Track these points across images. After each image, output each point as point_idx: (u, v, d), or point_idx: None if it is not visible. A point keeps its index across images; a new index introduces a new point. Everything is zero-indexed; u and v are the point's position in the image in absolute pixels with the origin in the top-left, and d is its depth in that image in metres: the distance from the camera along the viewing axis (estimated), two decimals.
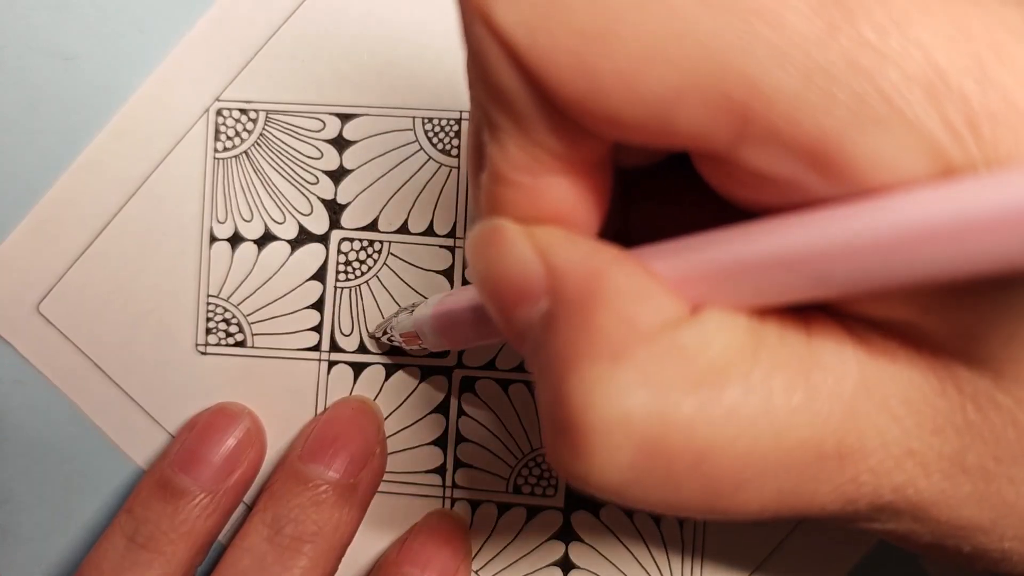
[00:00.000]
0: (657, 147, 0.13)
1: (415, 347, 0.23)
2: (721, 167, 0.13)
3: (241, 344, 0.25)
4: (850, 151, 0.11)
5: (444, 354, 0.25)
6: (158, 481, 0.23)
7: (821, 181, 0.12)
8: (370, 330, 0.25)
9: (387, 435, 0.25)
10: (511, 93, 0.13)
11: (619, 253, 0.13)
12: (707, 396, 0.12)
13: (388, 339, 0.24)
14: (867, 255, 0.11)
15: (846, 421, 0.12)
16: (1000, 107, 0.11)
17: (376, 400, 0.25)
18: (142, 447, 0.25)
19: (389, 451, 0.25)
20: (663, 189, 0.17)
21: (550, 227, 0.14)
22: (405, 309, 0.23)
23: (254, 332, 0.25)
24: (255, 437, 0.24)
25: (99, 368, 0.25)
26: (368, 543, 0.25)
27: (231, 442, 0.23)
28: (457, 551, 0.24)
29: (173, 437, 0.25)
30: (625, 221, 0.17)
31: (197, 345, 0.25)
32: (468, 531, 0.25)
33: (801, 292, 0.12)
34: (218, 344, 0.25)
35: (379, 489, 0.25)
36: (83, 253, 0.25)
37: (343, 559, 0.24)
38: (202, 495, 0.23)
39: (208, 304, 0.25)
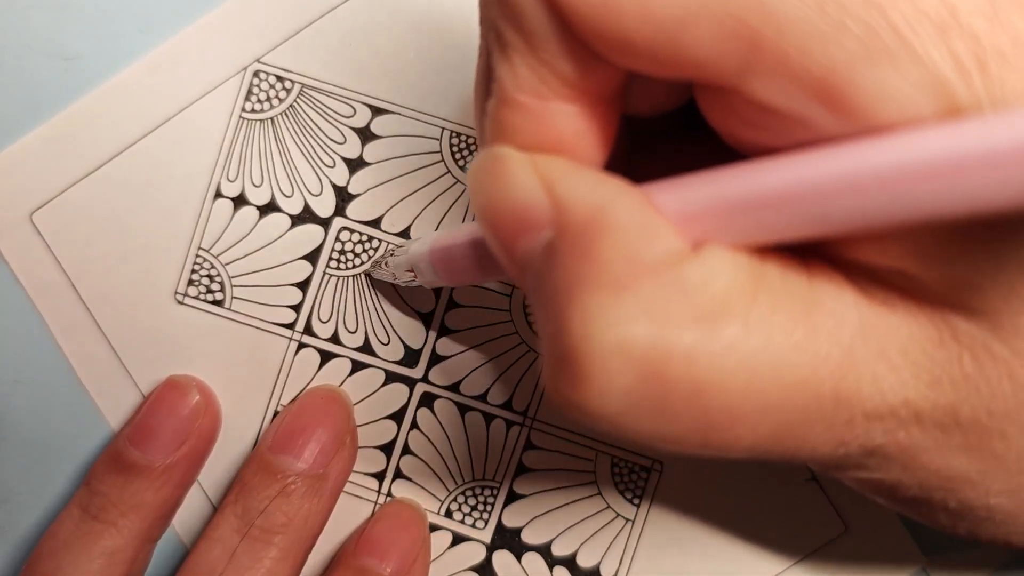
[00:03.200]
0: (665, 76, 0.13)
1: (410, 280, 0.23)
2: (726, 101, 0.13)
3: (219, 304, 0.25)
4: (858, 84, 0.11)
5: (414, 361, 0.25)
6: (111, 455, 0.23)
7: (827, 115, 0.12)
8: (366, 269, 0.25)
9: None
10: (525, 9, 0.13)
11: (624, 186, 0.13)
12: (708, 329, 0.12)
13: (391, 275, 0.23)
14: (869, 191, 0.11)
15: (844, 364, 0.13)
16: (1009, 46, 0.11)
17: None
18: (98, 377, 0.25)
19: None
20: (667, 141, 0.17)
21: (555, 157, 0.14)
22: (400, 246, 0.23)
23: (234, 295, 0.25)
24: (204, 409, 0.24)
25: (75, 289, 0.25)
26: None
27: (179, 415, 0.23)
28: (415, 539, 0.24)
29: (129, 374, 0.25)
30: (627, 169, 0.17)
31: (176, 293, 0.25)
32: (426, 519, 0.25)
33: (803, 229, 0.12)
34: (196, 297, 0.25)
35: None
36: (89, 174, 0.25)
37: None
38: (151, 468, 0.23)
39: (197, 256, 0.25)
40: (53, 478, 0.25)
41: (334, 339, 0.25)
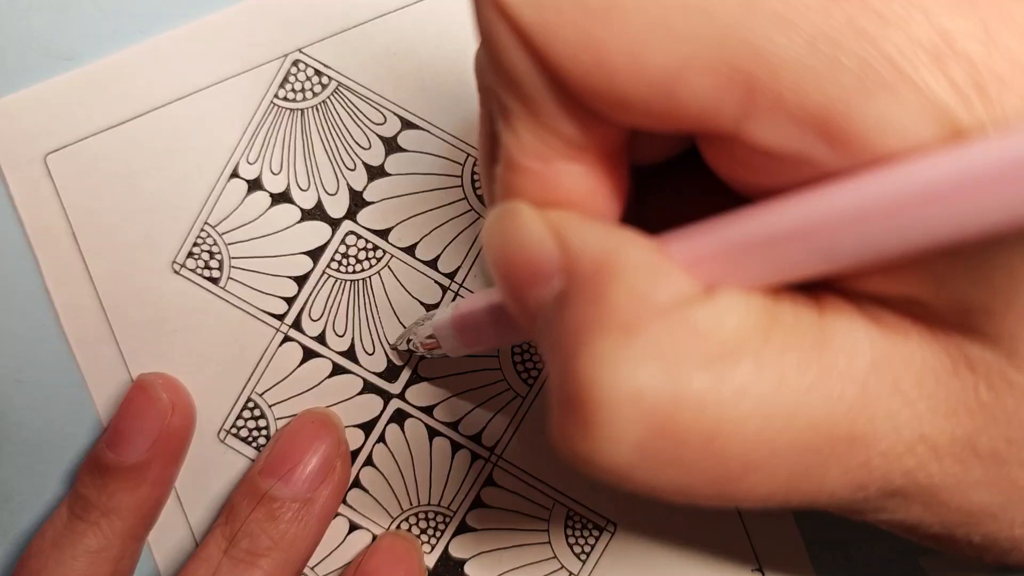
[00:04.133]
0: (665, 131, 0.13)
1: (436, 352, 0.23)
2: (728, 150, 0.13)
3: (214, 281, 0.25)
4: (857, 118, 0.11)
5: (395, 376, 0.25)
6: (92, 458, 0.24)
7: (829, 152, 0.11)
8: (391, 342, 0.25)
9: None
10: (522, 75, 0.13)
11: (633, 234, 0.13)
12: (720, 373, 0.12)
13: (410, 347, 0.24)
14: (878, 220, 0.11)
15: (858, 403, 0.12)
16: (1006, 69, 0.11)
17: (311, 392, 0.25)
18: (83, 330, 0.25)
19: None
20: (674, 188, 0.17)
21: (564, 210, 0.14)
22: (424, 317, 0.24)
23: (231, 276, 0.25)
24: (173, 407, 0.24)
25: (74, 237, 0.25)
26: None
27: (147, 416, 0.24)
28: (411, 572, 0.24)
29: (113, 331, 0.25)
30: (639, 213, 0.16)
31: (174, 263, 0.25)
32: (422, 555, 0.25)
33: (815, 266, 0.12)
34: (193, 270, 0.25)
35: None
36: (111, 128, 0.25)
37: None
38: (125, 469, 0.23)
39: (202, 231, 0.25)
40: (54, 478, 0.25)
41: (320, 339, 0.25)
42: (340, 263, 0.25)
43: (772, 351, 0.12)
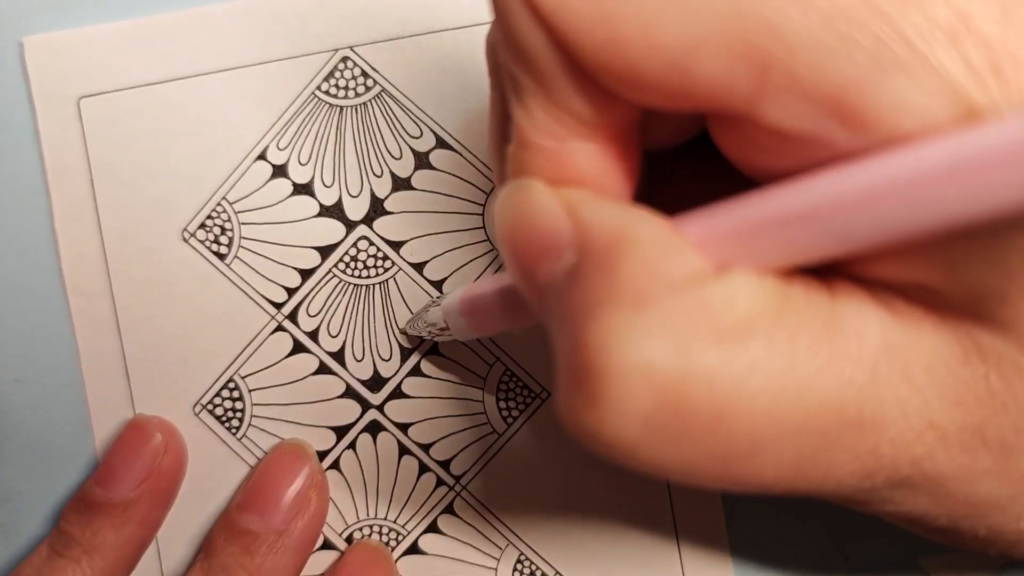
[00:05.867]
0: (678, 110, 0.13)
1: (444, 337, 0.23)
2: (740, 131, 0.13)
3: (220, 257, 0.25)
4: (871, 98, 0.11)
5: (378, 387, 0.25)
6: (79, 496, 0.24)
7: (842, 132, 0.11)
8: (400, 326, 0.25)
9: (281, 417, 0.25)
10: (535, 52, 0.13)
11: (647, 212, 0.13)
12: (730, 350, 0.12)
13: (421, 331, 0.24)
14: (890, 200, 0.11)
15: (868, 387, 0.12)
16: (1022, 50, 0.11)
17: (293, 385, 0.25)
18: (81, 278, 0.25)
19: (271, 431, 0.25)
20: (685, 175, 0.17)
21: (577, 188, 0.14)
22: (433, 301, 0.23)
23: (237, 255, 0.25)
24: (166, 448, 0.24)
25: (92, 184, 0.25)
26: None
27: (140, 454, 0.23)
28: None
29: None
30: (650, 199, 0.16)
31: (184, 231, 0.25)
32: (393, 563, 0.25)
33: (827, 248, 0.12)
34: (202, 242, 0.25)
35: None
36: (151, 85, 0.25)
37: None
38: (112, 506, 0.23)
39: (218, 205, 0.25)
40: (54, 478, 0.25)
41: (313, 335, 0.25)
42: (348, 265, 0.25)
43: (783, 331, 0.12)
